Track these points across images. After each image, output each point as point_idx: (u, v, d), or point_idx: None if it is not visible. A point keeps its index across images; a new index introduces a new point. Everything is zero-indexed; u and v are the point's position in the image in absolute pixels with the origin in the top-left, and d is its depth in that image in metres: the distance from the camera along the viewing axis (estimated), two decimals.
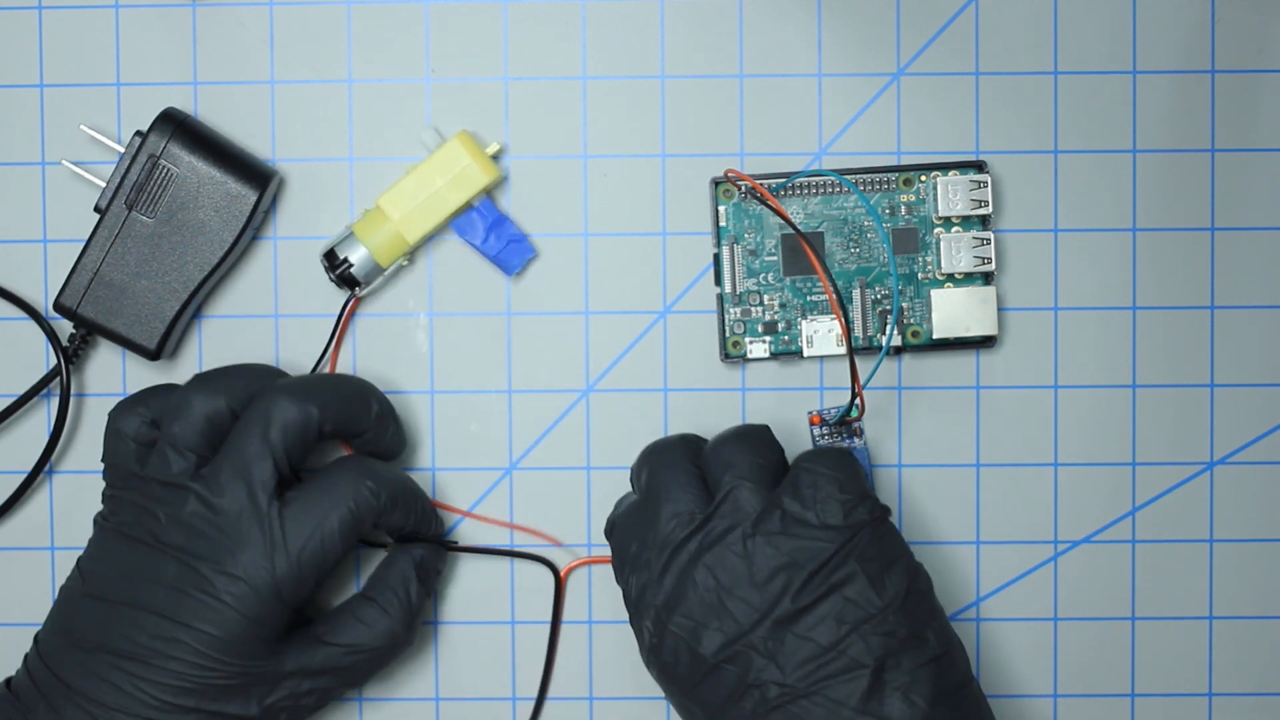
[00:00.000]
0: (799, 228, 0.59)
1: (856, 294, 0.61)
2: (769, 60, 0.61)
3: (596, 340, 0.61)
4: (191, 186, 0.59)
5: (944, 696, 0.53)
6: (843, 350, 0.60)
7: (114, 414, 0.58)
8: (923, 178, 0.61)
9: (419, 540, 0.59)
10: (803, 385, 0.62)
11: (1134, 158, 0.61)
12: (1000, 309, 0.61)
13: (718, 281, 0.61)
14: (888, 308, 0.61)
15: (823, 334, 0.60)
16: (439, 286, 0.62)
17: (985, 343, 0.61)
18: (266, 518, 0.55)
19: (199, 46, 0.61)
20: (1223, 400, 0.62)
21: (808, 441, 0.61)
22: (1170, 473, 0.62)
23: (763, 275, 0.61)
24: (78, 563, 0.57)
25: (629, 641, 0.61)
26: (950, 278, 0.61)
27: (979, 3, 0.61)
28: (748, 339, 0.61)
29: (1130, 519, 0.62)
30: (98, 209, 0.59)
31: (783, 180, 0.61)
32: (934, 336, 0.61)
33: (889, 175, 0.61)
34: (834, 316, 0.60)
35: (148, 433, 0.57)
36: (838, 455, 0.56)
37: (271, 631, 0.55)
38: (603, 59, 0.61)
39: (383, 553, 0.60)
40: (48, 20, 0.61)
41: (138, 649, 0.54)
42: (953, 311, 0.60)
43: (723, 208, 0.61)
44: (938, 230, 0.61)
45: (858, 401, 0.58)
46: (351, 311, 0.61)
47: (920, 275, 0.61)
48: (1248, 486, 0.62)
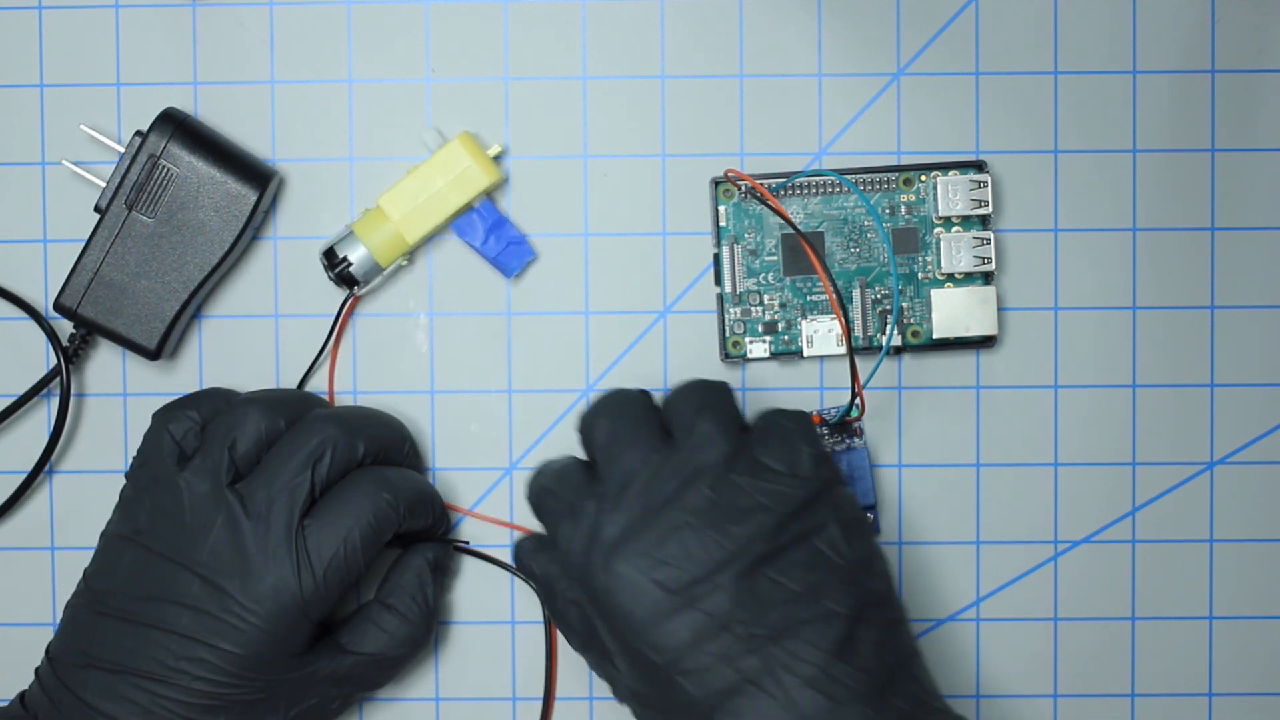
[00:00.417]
0: (799, 228, 0.60)
1: (856, 294, 0.61)
2: (769, 60, 0.61)
3: (596, 340, 0.61)
4: (191, 186, 0.59)
5: (908, 658, 0.52)
6: (843, 350, 0.60)
7: (162, 414, 0.57)
8: (923, 178, 0.61)
9: (428, 539, 0.59)
10: (803, 385, 0.62)
11: (1134, 158, 0.61)
12: (1000, 309, 0.61)
13: (718, 281, 0.61)
14: (888, 308, 0.61)
15: (823, 334, 0.60)
16: (439, 286, 0.62)
17: (985, 343, 0.61)
18: (295, 539, 0.55)
19: (199, 46, 0.61)
20: (1223, 400, 0.62)
21: None
22: (1170, 473, 0.62)
23: (763, 275, 0.61)
24: (85, 576, 0.57)
25: None
26: (950, 278, 0.61)
27: (979, 3, 0.61)
28: (748, 339, 0.61)
29: (1130, 519, 0.62)
30: (98, 209, 0.59)
31: (783, 180, 0.61)
32: (934, 336, 0.61)
33: (889, 175, 0.61)
34: (834, 316, 0.60)
35: (193, 439, 0.57)
36: (800, 415, 0.55)
37: (297, 646, 0.55)
38: (603, 59, 0.61)
39: (389, 550, 0.60)
40: (48, 20, 0.61)
41: (161, 669, 0.54)
42: (953, 311, 0.60)
43: (723, 208, 0.61)
44: (938, 230, 0.61)
45: (858, 401, 0.58)
46: (350, 310, 0.61)
47: (920, 275, 0.61)
48: (1248, 486, 0.62)
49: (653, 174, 0.61)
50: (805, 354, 0.61)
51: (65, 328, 0.61)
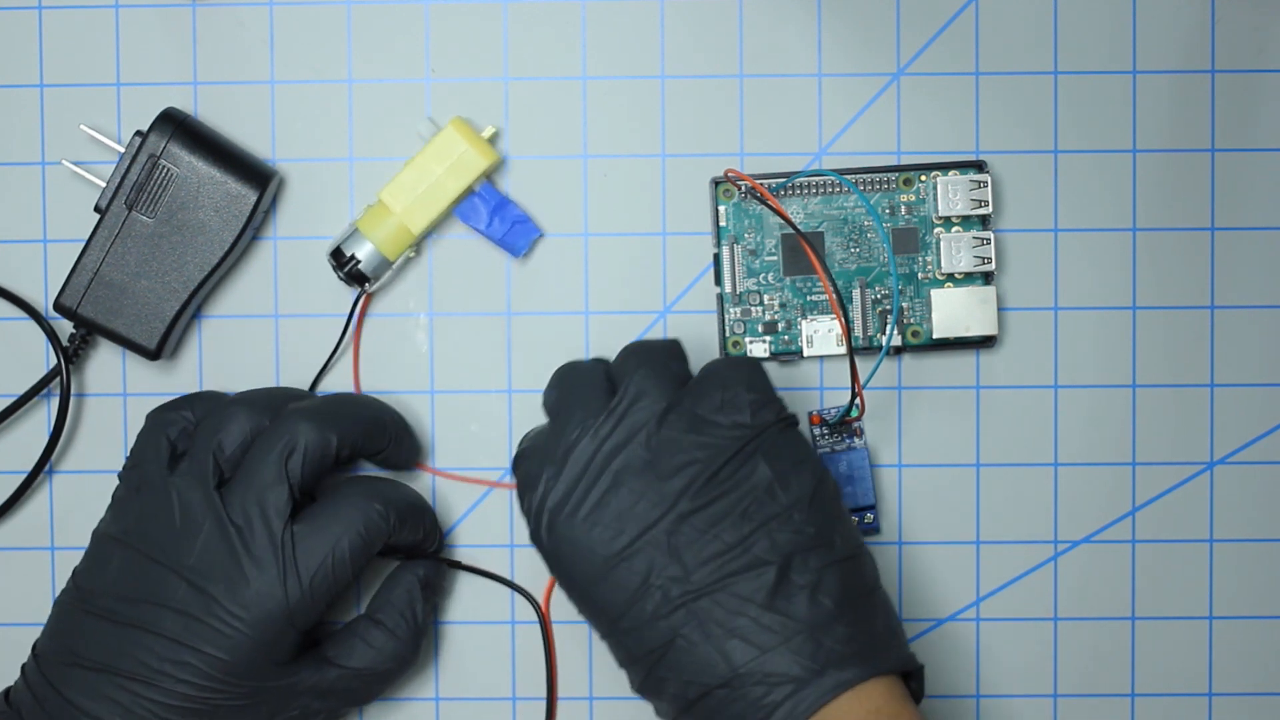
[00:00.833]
0: (799, 227, 0.59)
1: (856, 294, 0.61)
2: (769, 60, 0.61)
3: (596, 340, 0.61)
4: (191, 186, 0.59)
5: (851, 598, 0.52)
6: (842, 350, 0.60)
7: (156, 414, 0.57)
8: (923, 178, 0.61)
9: (420, 555, 0.59)
10: (803, 385, 0.62)
11: (1134, 158, 0.61)
12: (1000, 309, 0.61)
13: (718, 281, 0.61)
14: (888, 308, 0.61)
15: (823, 334, 0.60)
16: (439, 286, 0.62)
17: (985, 343, 0.61)
18: (280, 544, 0.55)
19: (199, 46, 0.61)
20: (1223, 400, 0.62)
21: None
22: (1170, 473, 0.62)
23: (763, 275, 0.61)
24: (74, 575, 0.57)
25: None
26: (950, 278, 0.61)
27: (979, 3, 0.61)
28: (748, 339, 0.61)
29: (1130, 519, 0.62)
30: (98, 209, 0.59)
31: (783, 180, 0.61)
32: (934, 336, 0.61)
33: (889, 175, 0.61)
34: (834, 316, 0.60)
35: (185, 440, 0.57)
36: (746, 361, 0.55)
37: (282, 655, 0.55)
38: (603, 59, 0.61)
39: (381, 561, 0.60)
40: (48, 20, 0.61)
41: (145, 670, 0.54)
42: (953, 311, 0.60)
43: (723, 208, 0.61)
44: (938, 230, 0.61)
45: (858, 401, 0.58)
46: (364, 308, 0.61)
47: (920, 275, 0.61)
48: (1248, 486, 0.62)
49: (653, 174, 0.61)
50: (805, 354, 0.61)
51: (65, 328, 0.61)
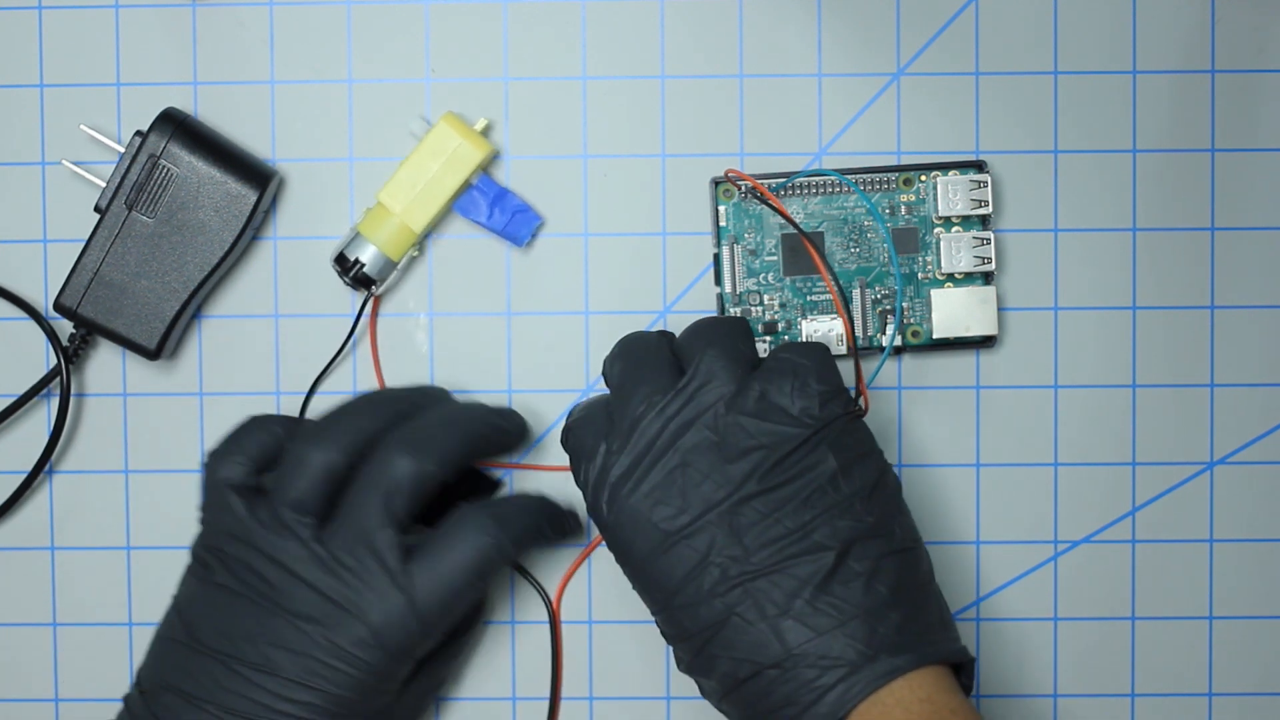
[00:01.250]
0: (801, 227, 0.59)
1: (857, 294, 0.61)
2: (769, 60, 0.61)
3: (596, 340, 0.61)
4: (191, 186, 0.59)
5: (907, 588, 0.52)
6: (843, 350, 0.60)
7: (213, 464, 0.56)
8: (923, 178, 0.61)
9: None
10: None
11: (1134, 158, 0.61)
12: (1000, 309, 0.61)
13: (718, 281, 0.61)
14: (887, 307, 0.61)
15: (823, 334, 0.60)
16: (439, 286, 0.62)
17: (985, 343, 0.61)
18: (397, 582, 0.54)
19: (199, 46, 0.61)
20: (1223, 400, 0.62)
21: None
22: (1170, 473, 0.62)
23: (763, 275, 0.61)
24: (176, 606, 0.56)
25: (630, 641, 0.61)
26: (950, 278, 0.61)
27: (979, 3, 0.61)
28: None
29: (1130, 519, 0.62)
30: (98, 209, 0.59)
31: (783, 180, 0.61)
32: (934, 336, 0.61)
33: (889, 175, 0.61)
34: (834, 316, 0.60)
35: (253, 481, 0.56)
36: (816, 348, 0.55)
37: (400, 682, 0.56)
38: (603, 59, 0.61)
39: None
40: (48, 20, 0.61)
41: (261, 711, 0.54)
42: (953, 311, 0.60)
43: (723, 208, 0.61)
44: (938, 230, 0.61)
45: (862, 401, 0.58)
46: (375, 311, 0.61)
47: (920, 275, 0.61)
48: (1248, 486, 0.62)
49: (653, 174, 0.61)
50: None
51: (65, 328, 0.61)
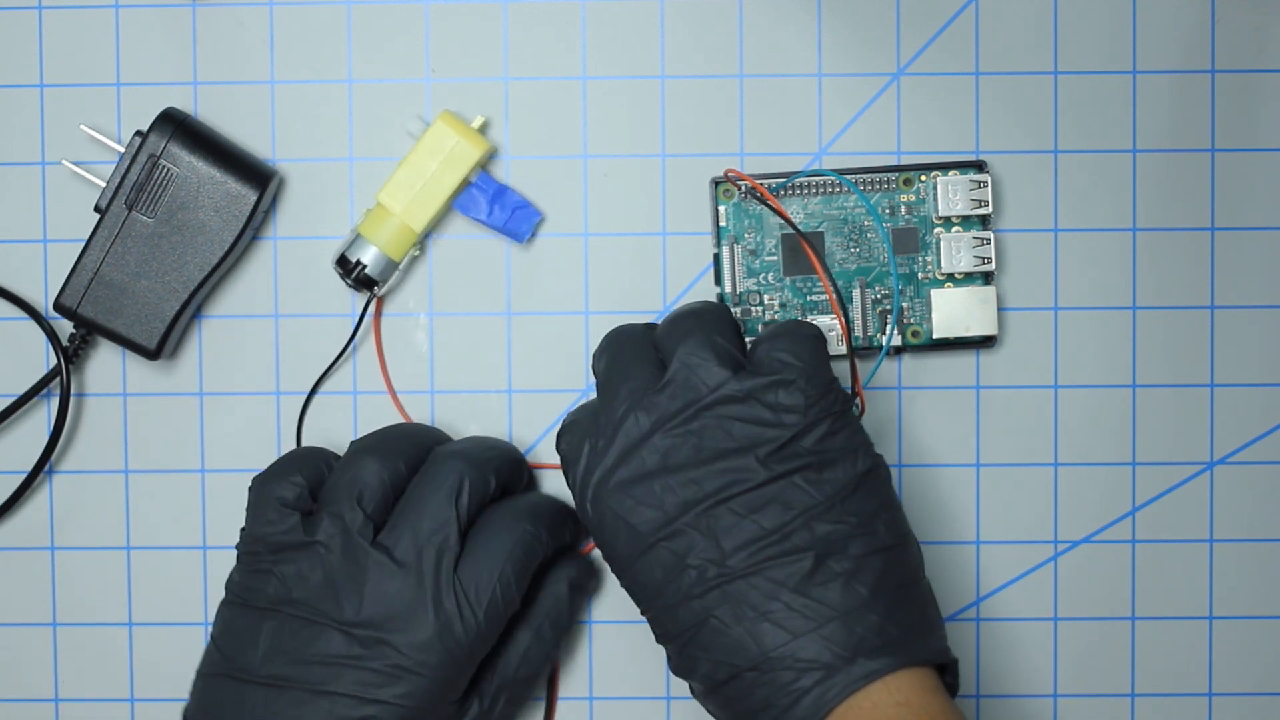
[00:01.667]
0: (799, 227, 0.60)
1: (856, 294, 0.61)
2: (769, 60, 0.61)
3: (596, 340, 0.61)
4: (191, 186, 0.59)
5: (889, 587, 0.51)
6: (843, 350, 0.60)
7: (265, 482, 0.56)
8: (923, 178, 0.61)
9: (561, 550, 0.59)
10: None
11: (1134, 158, 0.61)
12: (1000, 309, 0.61)
13: (718, 281, 0.61)
14: (887, 308, 0.61)
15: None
16: (439, 286, 0.62)
17: (985, 343, 0.61)
18: (451, 583, 0.54)
19: (199, 46, 0.61)
20: (1223, 400, 0.62)
21: None
22: (1170, 473, 0.62)
23: (763, 275, 0.61)
24: (214, 642, 0.56)
25: (629, 641, 0.61)
26: (950, 278, 0.61)
27: (979, 3, 0.61)
28: (748, 339, 0.61)
29: (1130, 519, 0.62)
30: (98, 209, 0.59)
31: (783, 180, 0.61)
32: (934, 336, 0.61)
33: (889, 175, 0.61)
34: (834, 316, 0.60)
35: (306, 502, 0.56)
36: (805, 344, 0.54)
37: (461, 688, 0.55)
38: (603, 59, 0.61)
39: None
40: (48, 20, 0.61)
41: None
42: (953, 311, 0.60)
43: (723, 208, 0.61)
44: (938, 230, 0.61)
45: (858, 401, 0.58)
46: (378, 312, 0.61)
47: (920, 275, 0.61)
48: (1248, 486, 0.62)
49: (653, 174, 0.61)
50: None
51: (65, 328, 0.61)
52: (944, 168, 0.61)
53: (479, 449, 0.57)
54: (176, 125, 0.59)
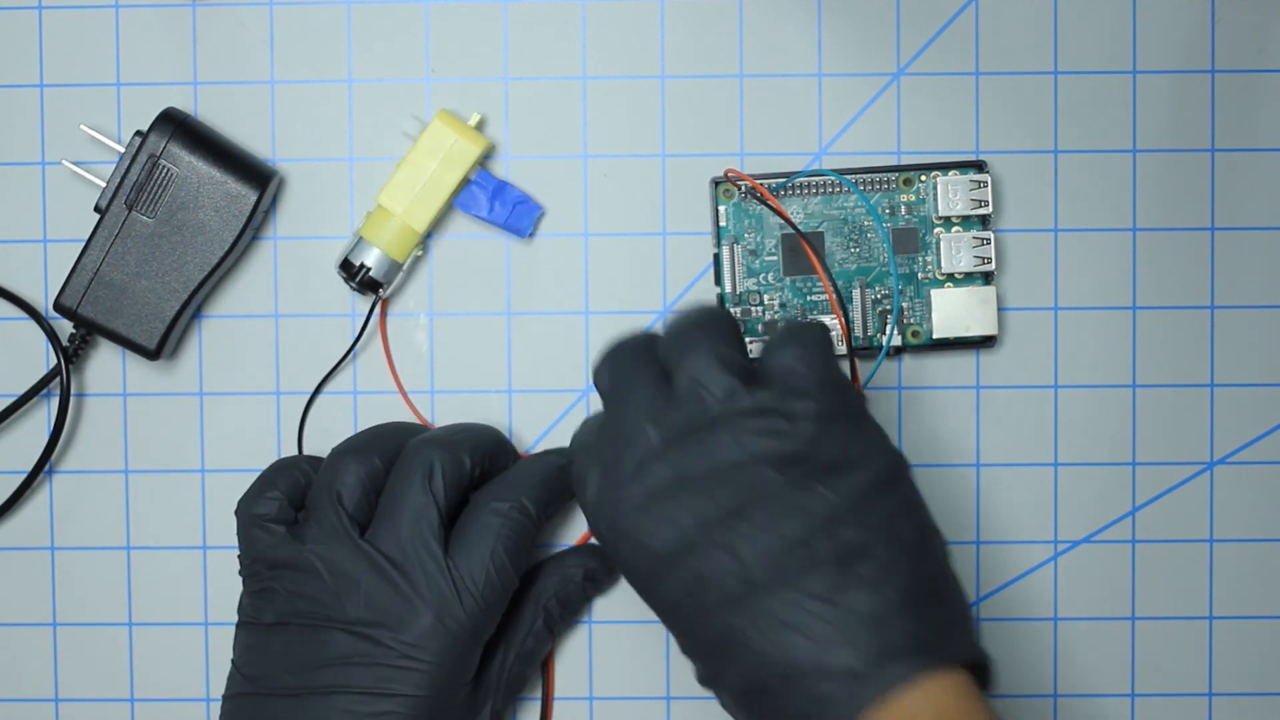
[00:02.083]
0: (799, 227, 0.60)
1: (856, 294, 0.61)
2: (769, 60, 0.61)
3: (596, 340, 0.61)
4: (191, 186, 0.59)
5: (915, 589, 0.50)
6: (843, 350, 0.60)
7: (245, 506, 0.56)
8: (923, 178, 0.61)
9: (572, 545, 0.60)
10: None
11: (1134, 158, 0.61)
12: (1000, 309, 0.61)
13: (718, 281, 0.61)
14: (888, 308, 0.61)
15: None
16: (439, 286, 0.62)
17: (985, 343, 0.61)
18: (446, 567, 0.54)
19: (199, 46, 0.61)
20: (1223, 400, 0.62)
21: None
22: (1170, 473, 0.62)
23: (763, 275, 0.61)
24: (235, 666, 0.56)
25: (629, 641, 0.61)
26: (950, 278, 0.61)
27: (979, 3, 0.61)
28: (748, 339, 0.61)
29: (1130, 519, 0.62)
30: (98, 209, 0.59)
31: (783, 180, 0.61)
32: (934, 336, 0.61)
33: (889, 175, 0.61)
34: (834, 316, 0.60)
35: (289, 514, 0.56)
36: (811, 338, 0.53)
37: (472, 670, 0.56)
38: (603, 59, 0.61)
39: None
40: (48, 20, 0.61)
41: None
42: (953, 311, 0.60)
43: (723, 208, 0.61)
44: (938, 230, 0.61)
45: None
46: (384, 314, 0.61)
47: (920, 275, 0.61)
48: (1248, 486, 0.62)
49: (653, 174, 0.61)
50: None
51: (65, 328, 0.61)
52: (944, 168, 0.61)
53: (450, 433, 0.57)
54: (176, 125, 0.59)
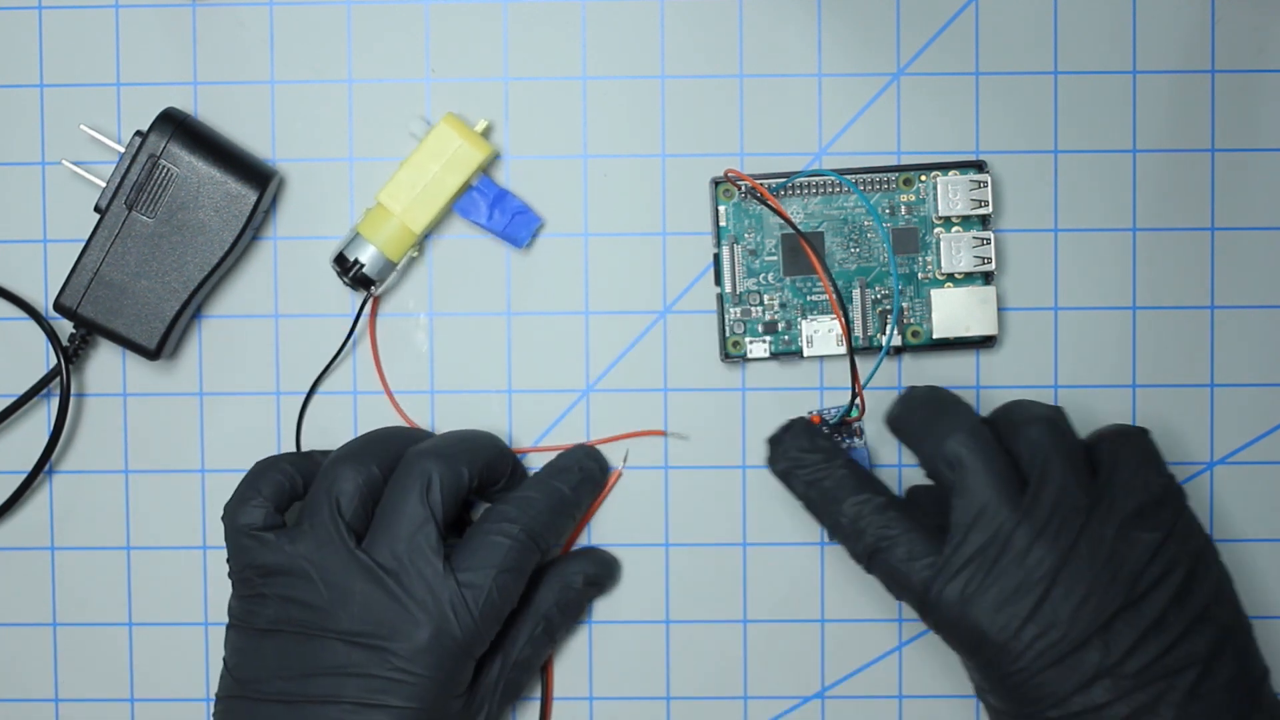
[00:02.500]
0: (799, 227, 0.60)
1: (856, 294, 0.61)
2: (769, 60, 0.61)
3: (596, 340, 0.61)
4: (191, 186, 0.59)
5: (1254, 688, 0.53)
6: (843, 350, 0.60)
7: (231, 514, 0.56)
8: (923, 178, 0.61)
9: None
10: (803, 385, 0.62)
11: (1134, 158, 0.61)
12: (1000, 309, 0.61)
13: (718, 281, 0.61)
14: (888, 308, 0.61)
15: (823, 334, 0.60)
16: (439, 286, 0.62)
17: (985, 343, 0.61)
18: (445, 581, 0.54)
19: (199, 46, 0.61)
20: (1223, 400, 0.62)
21: None
22: None
23: (763, 275, 0.61)
24: (227, 668, 0.56)
25: (629, 641, 0.61)
26: (950, 278, 0.61)
27: (979, 3, 0.61)
28: (748, 339, 0.61)
29: None
30: (98, 209, 0.59)
31: (783, 180, 0.61)
32: (934, 336, 0.61)
33: (889, 175, 0.61)
34: (834, 316, 0.60)
35: (276, 519, 0.56)
36: (1143, 445, 0.56)
37: (464, 684, 0.56)
38: (603, 59, 0.61)
39: None
40: (48, 20, 0.61)
41: None
42: (953, 311, 0.60)
43: (723, 208, 0.61)
44: (938, 230, 0.61)
45: (858, 401, 0.58)
46: (374, 312, 0.61)
47: (920, 275, 0.61)
48: (1248, 486, 0.62)
49: (653, 174, 0.61)
50: (805, 354, 0.61)
51: (65, 328, 0.61)
52: (944, 168, 0.61)
53: (449, 443, 0.57)
54: (176, 125, 0.59)
